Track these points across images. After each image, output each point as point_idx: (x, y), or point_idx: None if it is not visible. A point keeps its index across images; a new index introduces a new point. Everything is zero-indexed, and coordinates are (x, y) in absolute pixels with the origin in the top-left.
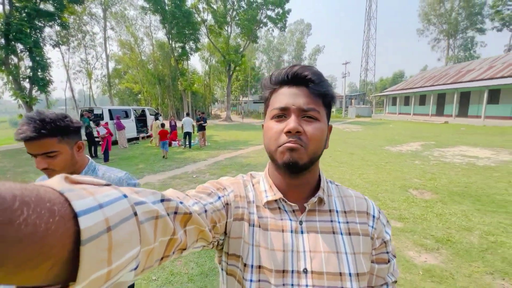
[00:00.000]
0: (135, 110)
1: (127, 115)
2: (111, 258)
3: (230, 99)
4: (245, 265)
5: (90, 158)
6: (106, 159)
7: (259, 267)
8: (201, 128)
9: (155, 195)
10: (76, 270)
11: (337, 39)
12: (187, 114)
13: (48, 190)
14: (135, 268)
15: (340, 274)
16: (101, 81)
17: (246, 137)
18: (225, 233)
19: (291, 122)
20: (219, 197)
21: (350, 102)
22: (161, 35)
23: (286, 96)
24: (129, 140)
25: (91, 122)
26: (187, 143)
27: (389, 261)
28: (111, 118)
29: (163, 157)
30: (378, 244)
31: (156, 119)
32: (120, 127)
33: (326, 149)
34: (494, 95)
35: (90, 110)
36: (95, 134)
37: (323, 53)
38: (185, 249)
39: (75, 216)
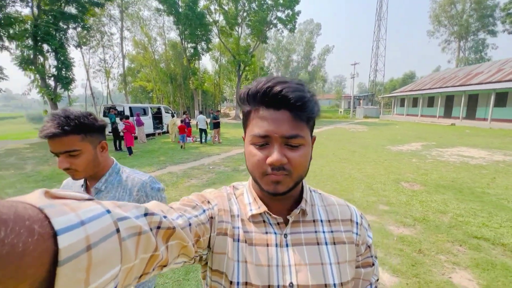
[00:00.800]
0: (151, 108)
1: (145, 113)
2: (88, 279)
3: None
4: (231, 282)
5: (115, 160)
6: (130, 153)
7: (246, 283)
8: (216, 125)
9: (139, 209)
10: None
11: (347, 39)
12: (200, 112)
13: (27, 207)
14: None
15: (325, 286)
16: (117, 79)
17: None
18: (209, 247)
19: (275, 155)
20: (204, 210)
21: (359, 103)
22: (173, 35)
23: (267, 122)
24: (147, 135)
25: (117, 118)
26: (202, 139)
27: (373, 264)
28: (132, 115)
29: (181, 147)
30: (363, 250)
31: (172, 116)
32: (139, 124)
33: (323, 149)
34: (502, 98)
35: (114, 107)
36: (120, 129)
37: (332, 53)
38: (165, 266)
39: (54, 234)
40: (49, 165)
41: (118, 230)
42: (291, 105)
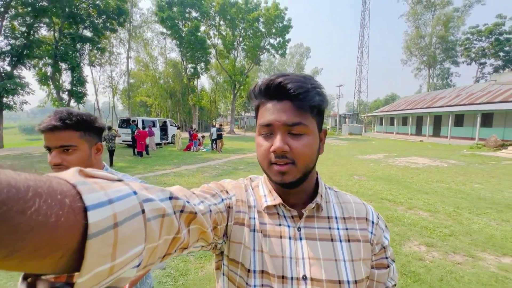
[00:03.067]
0: (159, 121)
1: (154, 125)
2: (115, 254)
3: (234, 114)
4: (248, 270)
5: (106, 164)
6: (147, 153)
7: (262, 271)
8: (219, 136)
9: (164, 193)
10: (81, 261)
11: (335, 62)
12: (213, 126)
13: (62, 182)
14: (138, 265)
15: (339, 282)
16: (121, 94)
17: (249, 146)
18: (226, 235)
19: (277, 142)
20: (222, 199)
21: (344, 121)
22: (174, 55)
23: (270, 112)
24: (155, 144)
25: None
26: (214, 147)
27: (388, 266)
28: (144, 127)
29: (192, 149)
30: (377, 250)
31: (178, 129)
32: (151, 134)
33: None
34: (459, 119)
35: (134, 120)
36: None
37: (321, 74)
38: (186, 248)
39: (85, 210)
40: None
41: (143, 211)
42: (292, 95)
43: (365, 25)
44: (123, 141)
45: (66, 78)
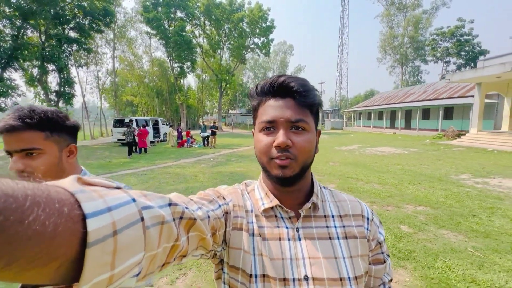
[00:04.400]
0: (151, 120)
1: (146, 124)
2: (114, 262)
3: (221, 112)
4: (250, 276)
5: (83, 168)
6: (144, 151)
7: (263, 275)
8: (213, 133)
9: (163, 199)
10: (80, 271)
11: (317, 59)
12: (203, 124)
13: (60, 191)
14: (137, 274)
15: (341, 279)
16: (106, 93)
17: (238, 142)
18: (224, 241)
19: (280, 136)
20: (220, 205)
21: (327, 116)
22: (159, 53)
23: (273, 109)
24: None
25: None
26: (204, 143)
27: (384, 261)
28: (137, 126)
29: (185, 146)
30: (374, 246)
31: (170, 127)
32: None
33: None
34: (426, 113)
35: (131, 120)
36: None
37: (304, 71)
38: (185, 256)
39: (83, 218)
40: (96, 160)
41: (142, 219)
42: (295, 93)
43: (344, 25)
44: (118, 139)
45: (52, 79)
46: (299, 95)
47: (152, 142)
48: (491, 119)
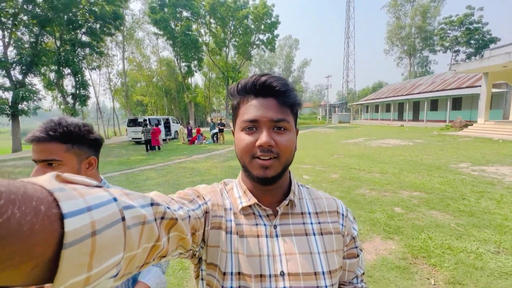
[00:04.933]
0: (162, 118)
1: (158, 122)
2: (91, 264)
3: (228, 109)
4: (224, 273)
5: (103, 178)
6: (157, 149)
7: (239, 273)
8: (221, 130)
9: (145, 199)
10: (55, 271)
11: (323, 53)
12: (212, 122)
13: (37, 188)
14: (115, 275)
15: (315, 273)
16: (117, 94)
17: None
18: (203, 241)
19: (263, 137)
20: (200, 205)
21: (334, 110)
22: (166, 53)
23: (256, 108)
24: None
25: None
26: (215, 139)
27: (358, 256)
28: (150, 125)
29: (196, 143)
30: (348, 241)
31: (181, 125)
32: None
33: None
34: (434, 104)
35: (144, 119)
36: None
37: (310, 65)
38: (165, 256)
39: (61, 217)
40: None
41: (123, 219)
42: (277, 92)
43: (350, 16)
44: (132, 138)
45: (68, 83)
46: (281, 95)
47: (164, 140)
48: (500, 109)
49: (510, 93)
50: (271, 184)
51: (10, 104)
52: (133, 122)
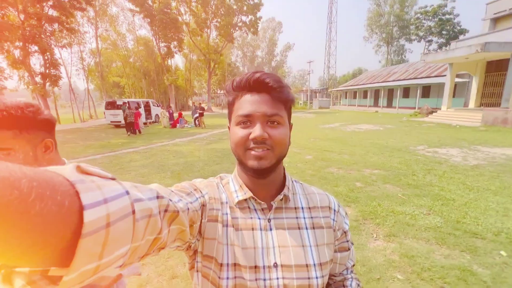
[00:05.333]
0: (143, 101)
1: (138, 105)
2: (103, 254)
3: (210, 92)
4: (221, 264)
5: (66, 161)
6: (140, 131)
7: (235, 264)
8: (201, 114)
9: (152, 192)
10: (67, 258)
11: (306, 37)
12: (194, 106)
13: (62, 182)
14: (121, 265)
15: (307, 265)
16: (90, 73)
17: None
18: (200, 233)
19: (257, 130)
20: (197, 198)
21: (315, 96)
22: (144, 32)
23: (250, 103)
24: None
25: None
26: (196, 123)
27: (349, 249)
28: (130, 108)
29: (178, 126)
30: (339, 235)
31: (162, 108)
32: (139, 114)
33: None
34: (406, 91)
35: (124, 102)
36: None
37: (293, 50)
38: (163, 248)
39: (80, 208)
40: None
41: (134, 211)
42: (270, 88)
43: (333, 1)
44: (111, 121)
45: (36, 61)
46: (274, 91)
47: (144, 123)
48: (462, 97)
49: (471, 83)
50: (265, 176)
51: None
52: (111, 105)
